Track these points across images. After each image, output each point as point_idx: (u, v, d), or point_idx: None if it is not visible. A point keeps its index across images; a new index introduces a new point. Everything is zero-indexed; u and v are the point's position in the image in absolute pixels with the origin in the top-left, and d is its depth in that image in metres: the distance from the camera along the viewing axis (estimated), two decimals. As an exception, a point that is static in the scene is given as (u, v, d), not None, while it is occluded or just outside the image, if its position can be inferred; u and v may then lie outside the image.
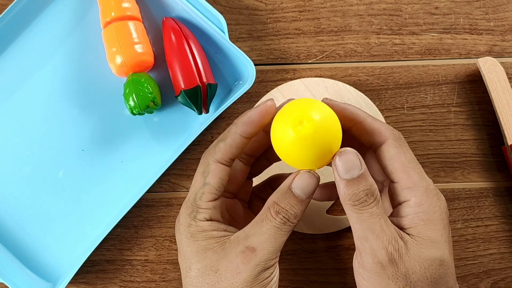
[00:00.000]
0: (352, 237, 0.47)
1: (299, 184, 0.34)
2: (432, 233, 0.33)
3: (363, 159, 0.34)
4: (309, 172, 0.34)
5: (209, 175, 0.35)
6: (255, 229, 0.34)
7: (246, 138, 0.35)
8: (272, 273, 0.34)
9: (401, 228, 0.34)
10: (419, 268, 0.32)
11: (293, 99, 0.36)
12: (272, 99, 0.36)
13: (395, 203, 0.35)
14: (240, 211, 0.39)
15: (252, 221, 0.35)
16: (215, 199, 0.36)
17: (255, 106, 0.36)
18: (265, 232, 0.34)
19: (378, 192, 0.33)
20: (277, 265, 0.35)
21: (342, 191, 0.33)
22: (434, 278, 0.32)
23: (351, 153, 0.33)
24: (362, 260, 0.33)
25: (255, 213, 0.40)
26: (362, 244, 0.33)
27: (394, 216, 0.35)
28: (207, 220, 0.35)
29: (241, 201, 0.40)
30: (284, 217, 0.34)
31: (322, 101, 0.36)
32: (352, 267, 0.47)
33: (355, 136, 0.36)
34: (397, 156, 0.34)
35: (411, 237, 0.33)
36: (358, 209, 0.33)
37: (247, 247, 0.33)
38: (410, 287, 0.32)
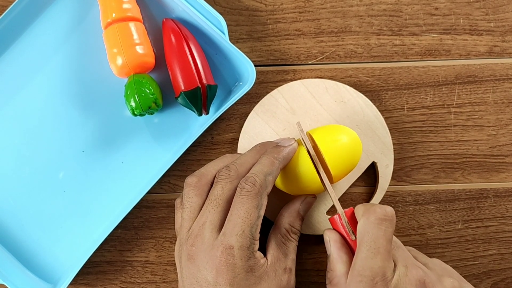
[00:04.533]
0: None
1: (306, 208, 0.42)
2: None
3: None
4: (313, 197, 0.43)
5: (262, 208, 0.38)
6: (283, 251, 0.40)
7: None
8: None
9: None
10: None
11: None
12: (294, 139, 0.42)
13: None
14: None
15: (273, 243, 0.40)
16: None
17: (281, 142, 0.41)
18: (292, 252, 0.40)
19: (335, 279, 0.38)
20: None
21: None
22: None
23: (325, 236, 0.40)
24: None
25: None
26: None
27: None
28: (258, 250, 0.38)
29: None
30: (298, 236, 0.41)
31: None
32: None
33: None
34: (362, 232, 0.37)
35: None
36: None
37: (285, 268, 0.39)
38: None
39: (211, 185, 0.40)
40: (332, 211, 0.46)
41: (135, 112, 0.44)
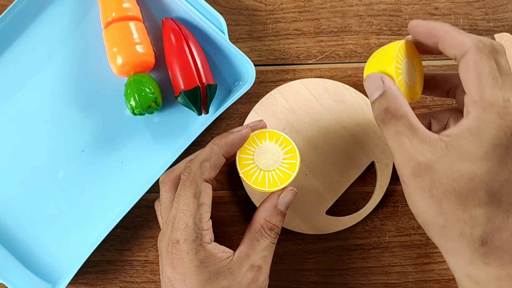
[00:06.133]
0: (351, 238, 0.47)
1: (285, 202, 0.38)
2: (474, 148, 0.32)
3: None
4: (291, 190, 0.39)
5: (201, 195, 0.36)
6: (254, 247, 0.37)
7: (226, 158, 0.38)
8: (268, 279, 0.38)
9: (448, 136, 0.33)
10: (446, 180, 0.32)
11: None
12: (249, 127, 0.39)
13: (462, 116, 0.34)
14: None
15: (246, 239, 0.37)
16: (209, 218, 0.37)
17: (235, 130, 0.39)
18: (265, 249, 0.37)
19: (401, 109, 0.34)
20: None
21: (372, 112, 0.36)
22: (463, 191, 0.32)
23: (372, 78, 0.36)
24: (397, 171, 0.35)
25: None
26: (393, 157, 0.35)
27: (450, 127, 0.35)
28: (211, 241, 0.36)
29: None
30: (276, 232, 0.38)
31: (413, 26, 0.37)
32: (351, 268, 0.47)
33: (442, 52, 0.36)
34: (474, 67, 0.33)
35: (449, 149, 0.32)
36: (381, 127, 0.35)
37: (252, 265, 0.36)
38: (435, 199, 0.32)
39: None
40: (331, 210, 0.46)
41: (135, 112, 0.44)
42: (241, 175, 0.38)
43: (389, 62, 0.36)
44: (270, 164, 0.39)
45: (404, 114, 0.34)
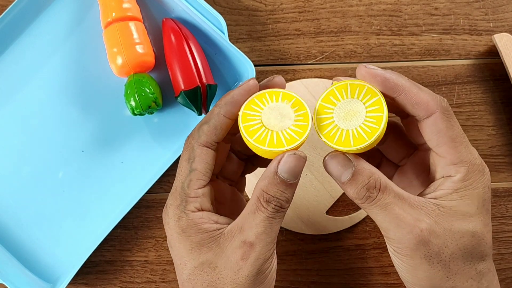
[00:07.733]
0: (351, 238, 0.47)
1: (286, 168, 0.32)
2: (467, 207, 0.32)
3: (403, 122, 0.36)
4: (293, 154, 0.32)
5: (195, 160, 0.33)
6: (248, 221, 0.32)
7: (230, 119, 0.34)
8: (271, 263, 0.33)
9: (435, 199, 0.33)
10: (451, 241, 0.32)
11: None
12: (254, 78, 0.34)
13: (437, 175, 0.34)
14: (225, 192, 0.38)
15: (244, 211, 0.33)
16: (203, 186, 0.34)
17: (238, 86, 0.35)
18: (260, 224, 0.32)
19: (382, 178, 0.32)
20: (275, 253, 0.34)
21: (347, 193, 0.33)
22: (467, 249, 0.32)
23: (337, 157, 0.33)
24: (391, 246, 0.33)
25: (240, 190, 0.40)
26: (387, 233, 0.33)
27: (431, 188, 0.34)
28: (198, 210, 0.33)
29: (227, 180, 0.39)
30: (276, 205, 0.32)
31: (359, 69, 0.34)
32: (351, 268, 0.47)
33: (399, 105, 0.34)
34: (445, 130, 0.32)
35: (442, 211, 0.32)
36: (368, 206, 0.32)
37: (244, 241, 0.32)
38: (444, 263, 0.32)
39: None
40: (331, 211, 0.46)
41: (135, 112, 0.44)
42: (240, 121, 0.33)
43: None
44: (276, 124, 0.33)
45: (386, 184, 0.32)
